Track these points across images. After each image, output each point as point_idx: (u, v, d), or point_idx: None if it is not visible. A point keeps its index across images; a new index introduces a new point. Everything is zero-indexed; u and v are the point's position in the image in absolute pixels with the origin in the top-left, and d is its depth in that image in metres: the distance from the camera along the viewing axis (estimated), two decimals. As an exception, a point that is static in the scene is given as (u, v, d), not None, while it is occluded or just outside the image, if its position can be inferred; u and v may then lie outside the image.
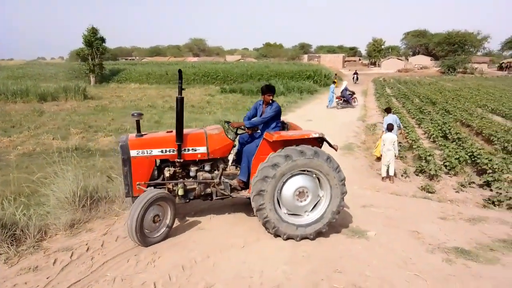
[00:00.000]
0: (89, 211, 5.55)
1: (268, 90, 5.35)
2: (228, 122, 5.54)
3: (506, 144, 10.55)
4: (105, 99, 23.91)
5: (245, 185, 5.20)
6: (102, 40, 39.42)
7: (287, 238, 4.82)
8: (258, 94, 25.66)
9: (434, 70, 61.01)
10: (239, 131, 5.60)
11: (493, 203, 6.83)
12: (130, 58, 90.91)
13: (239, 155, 5.55)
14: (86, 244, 4.69)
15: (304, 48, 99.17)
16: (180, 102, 4.68)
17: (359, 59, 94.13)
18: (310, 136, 4.83)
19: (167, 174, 4.99)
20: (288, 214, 4.88)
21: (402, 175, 8.68)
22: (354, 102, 20.90)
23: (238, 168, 5.40)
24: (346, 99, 20.42)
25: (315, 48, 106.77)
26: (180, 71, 4.66)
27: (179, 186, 4.99)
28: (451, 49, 68.91)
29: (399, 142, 10.48)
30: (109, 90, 31.02)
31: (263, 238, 4.94)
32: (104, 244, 4.73)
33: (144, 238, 4.53)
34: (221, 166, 5.23)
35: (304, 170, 4.79)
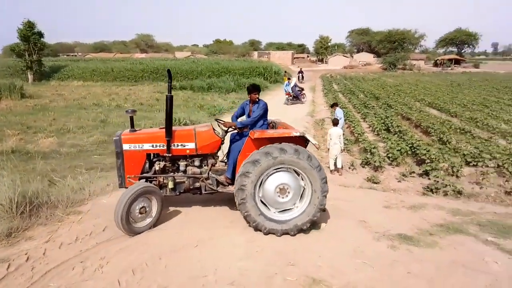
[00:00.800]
0: (29, 218, 5.17)
1: (254, 89, 5.57)
2: (220, 121, 5.71)
3: (441, 135, 11.37)
4: (45, 97, 22.39)
5: (232, 181, 5.33)
6: (40, 35, 36.83)
7: (268, 233, 4.92)
8: (210, 91, 25.62)
9: (377, 67, 64.21)
10: (229, 129, 5.73)
11: (431, 190, 7.33)
12: (72, 54, 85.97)
13: (229, 152, 5.72)
14: (26, 254, 4.36)
15: (254, 45, 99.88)
16: (169, 100, 5.05)
17: (307, 56, 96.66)
18: (291, 135, 4.94)
19: (157, 167, 5.26)
20: (270, 209, 5.01)
21: (349, 168, 9.05)
22: (303, 98, 21.53)
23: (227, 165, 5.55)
24: (296, 95, 20.93)
25: (265, 45, 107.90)
26: (169, 71, 5.06)
27: (169, 179, 5.24)
28: (392, 46, 72.99)
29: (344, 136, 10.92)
30: (49, 88, 29.10)
31: (217, 236, 4.91)
32: (46, 252, 4.43)
33: (129, 226, 4.72)
34: (210, 161, 5.48)
35: (287, 168, 4.90)
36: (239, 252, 4.50)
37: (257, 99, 5.58)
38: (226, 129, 5.59)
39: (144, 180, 5.24)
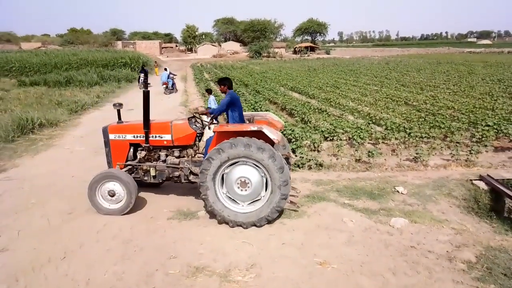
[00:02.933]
0: None
1: (220, 82, 5.83)
2: (196, 113, 6.04)
3: (303, 116, 12.56)
4: None
5: None
6: None
7: (222, 222, 5.00)
8: (69, 86, 22.94)
9: (244, 55, 67.07)
10: (205, 123, 6.01)
11: (298, 166, 8.06)
12: None
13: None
14: None
15: (116, 34, 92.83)
16: (146, 95, 5.52)
17: (176, 46, 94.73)
18: (248, 129, 4.95)
19: (139, 156, 5.82)
20: (229, 200, 5.09)
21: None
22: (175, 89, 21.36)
23: None
24: (173, 85, 21.07)
25: (129, 34, 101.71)
26: (143, 68, 5.01)
27: (151, 168, 5.67)
28: (255, 35, 76.94)
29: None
30: None
31: (88, 242, 4.50)
32: None
33: (92, 197, 5.33)
34: (189, 152, 5.83)
35: (251, 163, 4.91)
36: (113, 256, 4.21)
37: (227, 91, 5.73)
38: (205, 122, 5.95)
39: (129, 167, 5.79)
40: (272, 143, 4.95)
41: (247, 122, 5.92)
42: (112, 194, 5.31)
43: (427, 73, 27.66)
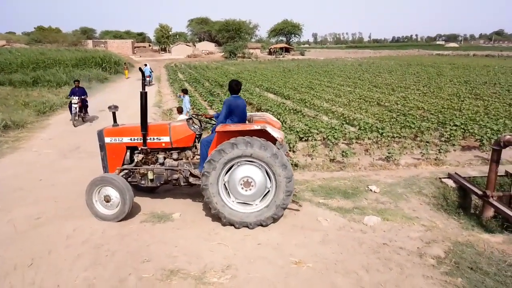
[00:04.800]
0: None
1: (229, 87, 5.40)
2: (198, 115, 6.07)
3: (278, 117, 12.63)
4: None
5: None
6: None
7: (227, 223, 4.94)
8: (36, 86, 22.12)
9: (219, 55, 66.75)
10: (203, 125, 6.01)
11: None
12: None
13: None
14: None
15: (87, 33, 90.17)
16: (144, 96, 5.38)
17: (149, 45, 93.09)
18: (252, 128, 4.84)
19: (136, 160, 5.63)
20: (233, 200, 5.01)
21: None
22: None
23: None
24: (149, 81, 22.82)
25: (100, 33, 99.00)
26: (140, 69, 5.62)
27: (149, 171, 5.49)
28: (230, 35, 76.73)
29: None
30: None
31: (56, 248, 4.33)
32: None
33: (91, 204, 5.18)
34: (188, 154, 5.69)
35: (254, 162, 4.85)
36: (83, 262, 4.07)
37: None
38: (204, 122, 5.89)
39: (126, 171, 5.61)
40: (273, 141, 4.93)
41: (247, 122, 5.73)
42: (107, 199, 5.15)
43: (398, 75, 28.47)
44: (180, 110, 8.93)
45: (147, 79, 22.75)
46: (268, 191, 4.99)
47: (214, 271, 3.95)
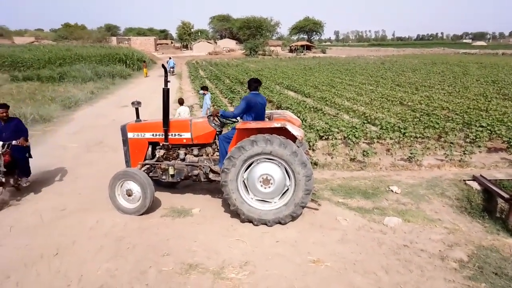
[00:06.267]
0: None
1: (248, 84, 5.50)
2: (210, 116, 5.86)
3: (298, 115, 12.58)
4: None
5: None
6: None
7: (246, 220, 4.97)
8: (62, 81, 22.75)
9: (240, 53, 66.85)
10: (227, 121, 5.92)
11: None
12: None
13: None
14: None
15: (111, 30, 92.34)
16: (166, 93, 5.45)
17: (172, 42, 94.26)
18: (272, 126, 4.86)
19: (158, 155, 5.76)
20: (252, 198, 5.03)
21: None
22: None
23: None
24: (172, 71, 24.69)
25: (124, 30, 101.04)
26: (163, 65, 5.70)
27: (169, 166, 5.62)
28: (251, 33, 76.71)
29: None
30: None
31: (80, 239, 4.46)
32: None
33: (113, 197, 5.29)
34: (208, 151, 5.74)
35: (273, 159, 4.84)
36: (106, 253, 4.18)
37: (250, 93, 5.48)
38: (222, 120, 5.83)
39: (148, 166, 5.74)
40: (293, 139, 4.92)
41: (267, 120, 5.76)
42: (129, 193, 5.25)
43: (422, 74, 27.80)
44: (181, 102, 9.53)
45: (171, 69, 25.66)
46: (287, 189, 4.96)
47: (232, 266, 3.98)
